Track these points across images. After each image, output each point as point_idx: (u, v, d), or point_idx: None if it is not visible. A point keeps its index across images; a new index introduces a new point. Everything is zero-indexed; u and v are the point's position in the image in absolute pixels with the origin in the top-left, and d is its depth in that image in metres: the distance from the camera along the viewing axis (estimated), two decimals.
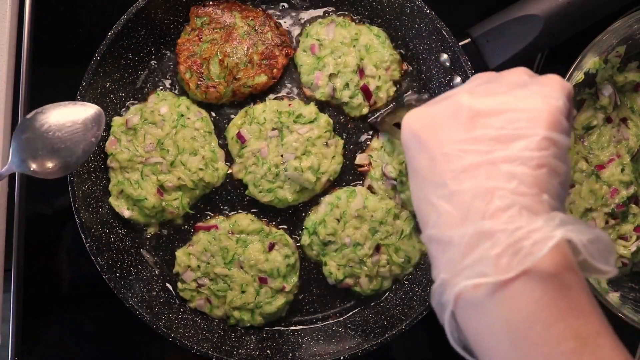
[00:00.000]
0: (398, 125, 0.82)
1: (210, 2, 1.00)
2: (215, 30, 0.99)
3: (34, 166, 0.84)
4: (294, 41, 1.02)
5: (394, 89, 1.01)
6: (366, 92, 0.98)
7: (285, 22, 1.03)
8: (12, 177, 1.02)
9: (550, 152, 0.56)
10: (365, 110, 0.99)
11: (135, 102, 1.01)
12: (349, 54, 0.98)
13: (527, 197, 0.54)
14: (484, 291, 0.52)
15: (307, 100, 1.01)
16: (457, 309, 0.55)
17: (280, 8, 1.03)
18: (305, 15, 1.03)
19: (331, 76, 0.98)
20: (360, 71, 0.98)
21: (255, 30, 1.00)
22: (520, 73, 0.64)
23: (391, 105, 1.00)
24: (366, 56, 0.98)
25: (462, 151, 0.57)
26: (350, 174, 1.02)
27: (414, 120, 0.63)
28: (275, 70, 1.00)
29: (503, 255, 0.52)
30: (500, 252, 0.52)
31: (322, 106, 1.01)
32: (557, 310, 0.51)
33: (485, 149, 0.56)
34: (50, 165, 0.85)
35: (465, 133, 0.58)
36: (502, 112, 0.57)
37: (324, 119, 0.98)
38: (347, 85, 0.98)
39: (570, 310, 0.52)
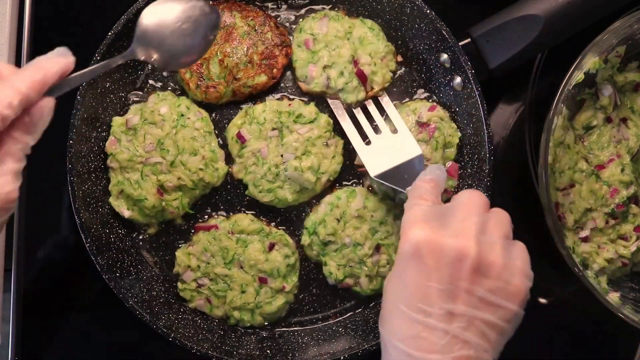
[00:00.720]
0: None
1: (210, 2, 1.00)
2: None
3: (155, 56, 0.80)
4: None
5: (390, 74, 1.00)
6: (361, 77, 0.97)
7: (285, 22, 1.03)
8: None
9: (513, 324, 0.70)
10: (361, 95, 0.98)
11: (136, 101, 1.01)
12: (343, 46, 0.98)
13: (488, 353, 0.68)
14: None
15: (304, 95, 1.01)
16: None
17: (281, 8, 1.03)
18: (304, 15, 1.03)
19: (325, 68, 0.98)
20: (355, 61, 0.98)
21: (255, 30, 1.00)
22: (505, 223, 0.74)
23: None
24: (360, 48, 0.98)
25: (454, 296, 0.67)
26: (350, 174, 1.02)
27: (424, 240, 0.68)
28: (275, 70, 1.00)
29: None
30: None
31: (320, 101, 1.01)
32: None
33: (472, 303, 0.67)
34: (170, 56, 0.80)
35: (464, 282, 0.67)
36: (495, 279, 0.68)
37: (324, 119, 0.98)
38: (341, 73, 0.98)
39: None
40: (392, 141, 0.96)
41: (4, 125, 0.64)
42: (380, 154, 0.95)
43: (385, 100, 1.00)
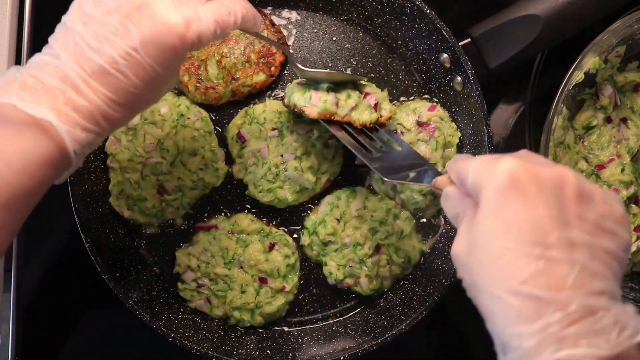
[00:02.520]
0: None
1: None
2: None
3: None
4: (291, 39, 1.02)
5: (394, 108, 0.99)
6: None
7: (281, 20, 1.03)
8: None
9: (627, 254, 0.60)
10: (374, 117, 0.91)
11: None
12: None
13: (615, 287, 0.57)
14: None
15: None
16: None
17: (278, 8, 1.03)
18: (303, 14, 1.03)
19: (329, 91, 0.91)
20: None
21: None
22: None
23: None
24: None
25: (567, 222, 0.57)
26: (350, 174, 1.02)
27: (517, 169, 0.58)
28: (273, 68, 1.00)
29: (611, 332, 0.54)
30: (607, 328, 0.54)
31: None
32: None
33: (588, 229, 0.57)
34: None
35: (572, 207, 0.58)
36: (602, 203, 0.59)
37: None
38: (349, 95, 0.91)
39: None
40: (398, 152, 0.89)
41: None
42: (388, 159, 0.87)
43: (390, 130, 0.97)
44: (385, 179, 0.84)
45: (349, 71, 1.02)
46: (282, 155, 0.97)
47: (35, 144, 0.62)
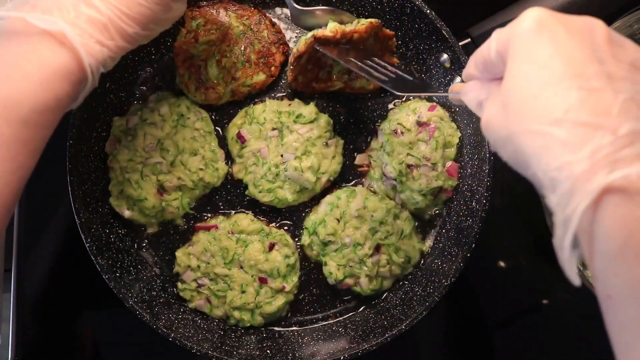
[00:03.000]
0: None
1: (204, 3, 1.00)
2: (211, 32, 0.99)
3: None
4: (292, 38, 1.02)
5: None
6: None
7: (280, 20, 1.03)
8: None
9: None
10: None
11: (135, 102, 1.01)
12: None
13: None
14: None
15: (304, 95, 1.01)
16: (599, 204, 0.47)
17: (277, 8, 1.03)
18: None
19: None
20: None
21: (251, 29, 1.00)
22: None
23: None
24: None
25: (603, 59, 0.53)
26: (350, 174, 1.02)
27: (544, 13, 0.55)
28: (273, 68, 1.00)
29: None
30: None
31: (320, 102, 1.01)
32: None
33: (625, 67, 0.53)
34: None
35: (605, 47, 0.54)
36: (634, 49, 0.55)
37: (324, 118, 0.98)
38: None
39: None
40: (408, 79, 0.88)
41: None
42: (399, 79, 0.87)
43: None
44: (397, 93, 0.84)
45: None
46: (282, 155, 0.97)
47: (51, 55, 0.61)
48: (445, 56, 0.97)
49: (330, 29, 0.92)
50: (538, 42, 0.54)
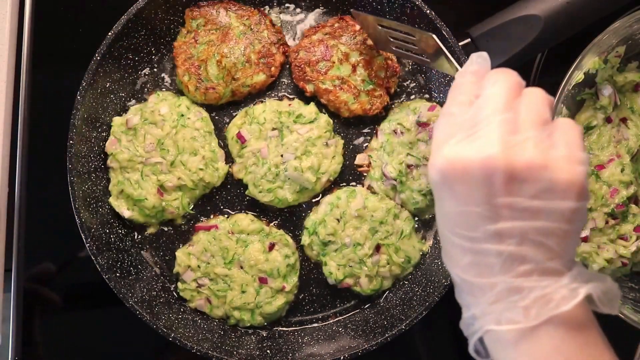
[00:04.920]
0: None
1: (204, 3, 1.00)
2: (211, 32, 0.99)
3: None
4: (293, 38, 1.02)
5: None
6: None
7: (281, 20, 1.03)
8: (12, 177, 1.02)
9: (576, 221, 0.61)
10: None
11: (135, 102, 1.01)
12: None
13: (554, 260, 0.61)
14: (513, 334, 0.61)
15: (304, 95, 1.01)
16: (485, 338, 0.64)
17: (277, 6, 1.03)
18: (303, 14, 1.03)
19: None
20: None
21: (251, 29, 1.00)
22: (539, 107, 0.63)
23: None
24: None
25: (496, 214, 0.60)
26: (350, 174, 1.02)
27: (446, 166, 0.62)
28: (273, 68, 1.00)
29: (532, 307, 0.60)
30: (529, 304, 0.60)
31: (320, 101, 1.01)
32: (576, 345, 0.61)
33: (518, 216, 0.60)
34: None
35: (499, 197, 0.60)
36: (536, 181, 0.60)
37: (324, 119, 0.98)
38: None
39: (587, 344, 0.61)
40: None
41: None
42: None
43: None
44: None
45: None
46: (282, 155, 0.97)
47: None
48: None
49: None
50: (443, 195, 0.64)
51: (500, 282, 0.61)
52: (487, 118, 0.62)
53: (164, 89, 1.02)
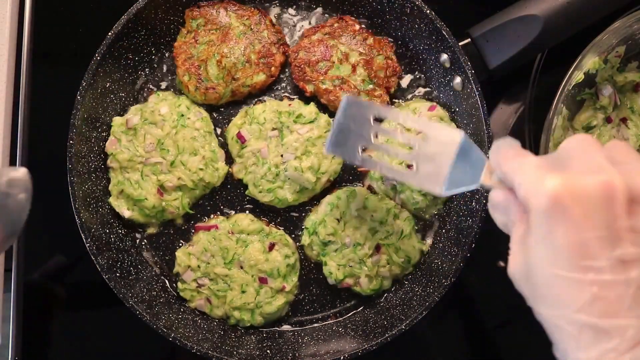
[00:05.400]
0: None
1: (204, 3, 1.00)
2: (211, 32, 0.99)
3: None
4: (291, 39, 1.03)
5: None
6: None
7: (281, 21, 1.03)
8: None
9: None
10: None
11: (135, 102, 1.01)
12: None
13: None
14: None
15: (304, 95, 1.01)
16: None
17: (277, 6, 1.03)
18: (303, 14, 1.03)
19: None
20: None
21: (251, 29, 1.00)
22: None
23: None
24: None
25: (619, 239, 0.55)
26: (350, 174, 1.02)
27: (561, 190, 0.55)
28: (273, 68, 1.00)
29: None
30: None
31: (320, 101, 1.01)
32: None
33: None
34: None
35: (622, 220, 0.55)
36: None
37: (324, 119, 0.98)
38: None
39: None
40: (430, 146, 0.75)
41: None
42: (430, 167, 0.75)
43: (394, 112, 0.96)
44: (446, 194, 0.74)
45: None
46: (282, 155, 0.97)
47: None
48: (445, 56, 0.97)
49: None
50: (554, 225, 0.55)
51: (634, 322, 0.53)
52: (584, 156, 0.58)
53: (164, 89, 1.02)
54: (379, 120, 0.82)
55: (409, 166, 0.94)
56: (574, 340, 0.55)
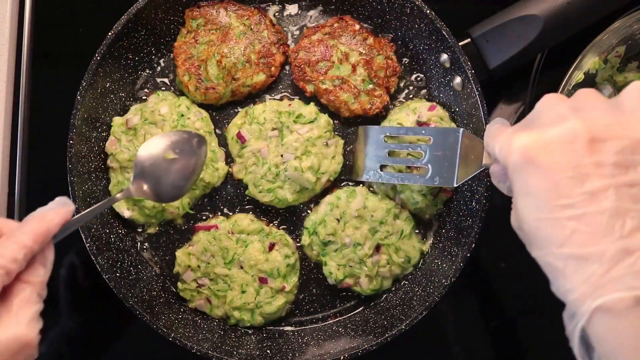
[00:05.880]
0: None
1: (204, 3, 1.00)
2: (211, 32, 0.99)
3: (149, 192, 0.87)
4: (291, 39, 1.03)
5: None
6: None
7: (281, 20, 1.03)
8: (12, 178, 1.02)
9: None
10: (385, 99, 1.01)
11: (135, 102, 1.01)
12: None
13: None
14: (629, 302, 0.56)
15: (304, 95, 1.01)
16: (591, 321, 0.58)
17: (277, 6, 1.03)
18: (303, 14, 1.03)
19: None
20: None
21: (251, 29, 1.00)
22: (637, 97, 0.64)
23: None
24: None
25: (586, 175, 0.60)
26: (350, 174, 1.02)
27: (528, 145, 0.63)
28: (273, 68, 1.00)
29: None
30: None
31: (319, 100, 1.01)
32: None
33: (608, 172, 0.60)
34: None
35: (586, 158, 0.60)
36: (618, 138, 0.61)
37: (324, 119, 0.98)
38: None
39: None
40: (435, 148, 0.89)
41: (10, 279, 0.66)
42: (442, 166, 0.89)
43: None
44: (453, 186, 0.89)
45: None
46: (282, 155, 0.97)
47: None
48: (445, 56, 0.97)
49: None
50: (527, 176, 0.63)
51: (609, 246, 0.58)
52: (548, 110, 0.66)
53: (164, 89, 1.02)
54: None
55: (417, 168, 0.95)
56: (561, 273, 0.60)
